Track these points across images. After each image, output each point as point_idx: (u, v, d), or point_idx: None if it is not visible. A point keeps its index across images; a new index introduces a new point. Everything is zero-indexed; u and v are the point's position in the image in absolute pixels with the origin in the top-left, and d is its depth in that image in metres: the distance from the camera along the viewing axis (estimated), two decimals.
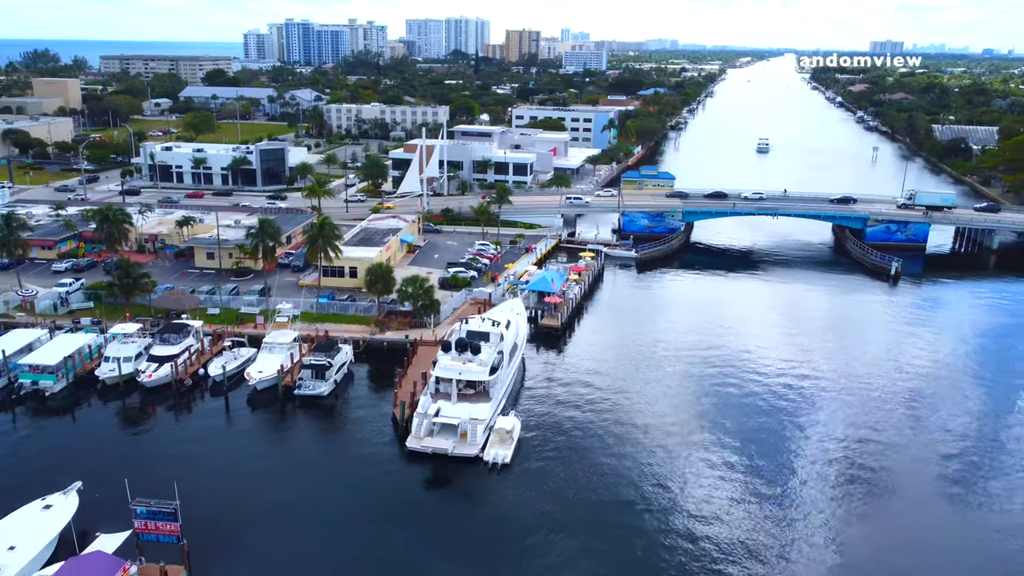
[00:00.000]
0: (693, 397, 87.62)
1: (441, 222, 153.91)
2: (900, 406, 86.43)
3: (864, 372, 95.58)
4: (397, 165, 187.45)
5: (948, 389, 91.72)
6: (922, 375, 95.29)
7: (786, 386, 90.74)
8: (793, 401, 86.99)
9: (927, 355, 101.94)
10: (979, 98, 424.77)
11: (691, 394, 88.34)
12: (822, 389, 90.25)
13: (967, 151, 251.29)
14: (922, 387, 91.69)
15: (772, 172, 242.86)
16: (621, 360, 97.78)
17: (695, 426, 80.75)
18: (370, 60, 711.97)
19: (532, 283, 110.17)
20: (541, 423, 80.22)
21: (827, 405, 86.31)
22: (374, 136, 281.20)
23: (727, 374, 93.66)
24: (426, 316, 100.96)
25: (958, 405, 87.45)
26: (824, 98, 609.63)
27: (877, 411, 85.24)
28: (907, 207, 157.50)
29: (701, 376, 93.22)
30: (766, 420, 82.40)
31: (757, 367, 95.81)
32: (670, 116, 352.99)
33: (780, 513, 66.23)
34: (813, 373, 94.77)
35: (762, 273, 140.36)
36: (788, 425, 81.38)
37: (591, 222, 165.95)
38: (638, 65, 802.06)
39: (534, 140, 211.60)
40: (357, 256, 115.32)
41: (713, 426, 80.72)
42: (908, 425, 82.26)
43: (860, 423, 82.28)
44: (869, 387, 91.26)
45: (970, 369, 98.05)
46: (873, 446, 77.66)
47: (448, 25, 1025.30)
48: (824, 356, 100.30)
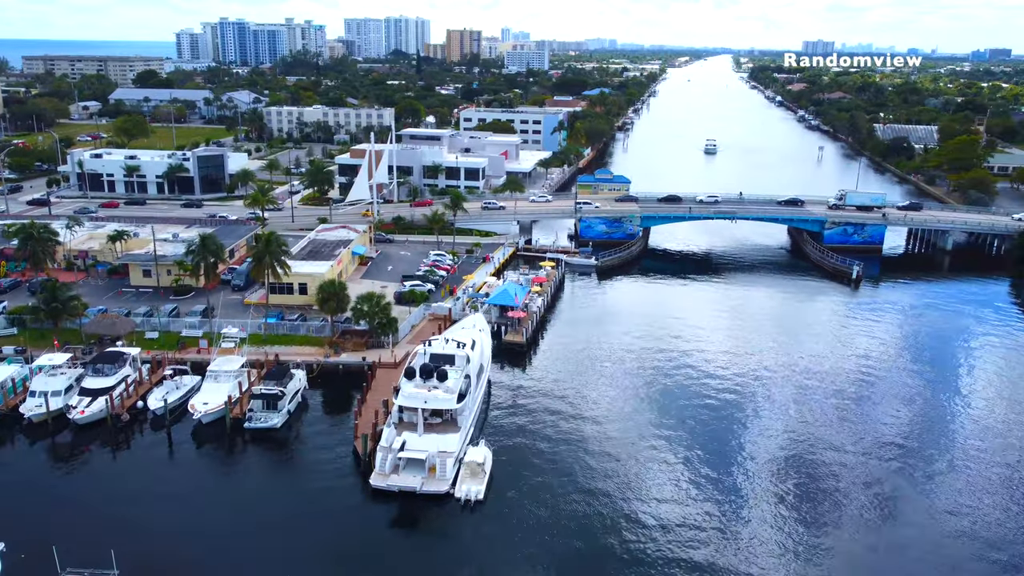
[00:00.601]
0: (665, 417, 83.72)
1: (393, 231, 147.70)
2: (871, 413, 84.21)
3: (837, 381, 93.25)
4: (344, 171, 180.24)
5: (915, 394, 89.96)
6: (889, 379, 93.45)
7: (761, 398, 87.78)
8: (772, 414, 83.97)
9: (894, 359, 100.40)
10: (913, 97, 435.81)
11: (663, 414, 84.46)
12: (799, 399, 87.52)
13: (909, 150, 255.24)
14: (891, 391, 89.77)
15: (721, 173, 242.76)
16: (589, 377, 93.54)
17: (670, 450, 76.85)
18: (309, 60, 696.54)
19: (494, 296, 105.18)
20: (513, 452, 75.28)
21: (810, 415, 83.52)
22: (317, 140, 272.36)
23: (698, 391, 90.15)
24: (383, 335, 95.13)
25: (924, 412, 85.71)
26: (764, 97, 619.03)
27: (852, 421, 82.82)
28: (838, 208, 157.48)
29: (671, 393, 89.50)
30: (740, 437, 79.11)
31: (728, 381, 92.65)
32: (616, 116, 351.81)
33: (774, 537, 62.78)
34: (787, 384, 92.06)
35: (722, 278, 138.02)
36: (766, 441, 78.23)
37: (546, 228, 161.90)
38: (580, 65, 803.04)
39: (484, 143, 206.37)
40: (307, 271, 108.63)
41: (688, 448, 76.97)
42: (875, 433, 79.98)
43: (840, 440, 79.60)
44: (842, 395, 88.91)
45: (935, 373, 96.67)
46: (854, 460, 75.03)
47: (388, 24, 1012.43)
48: (796, 365, 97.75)
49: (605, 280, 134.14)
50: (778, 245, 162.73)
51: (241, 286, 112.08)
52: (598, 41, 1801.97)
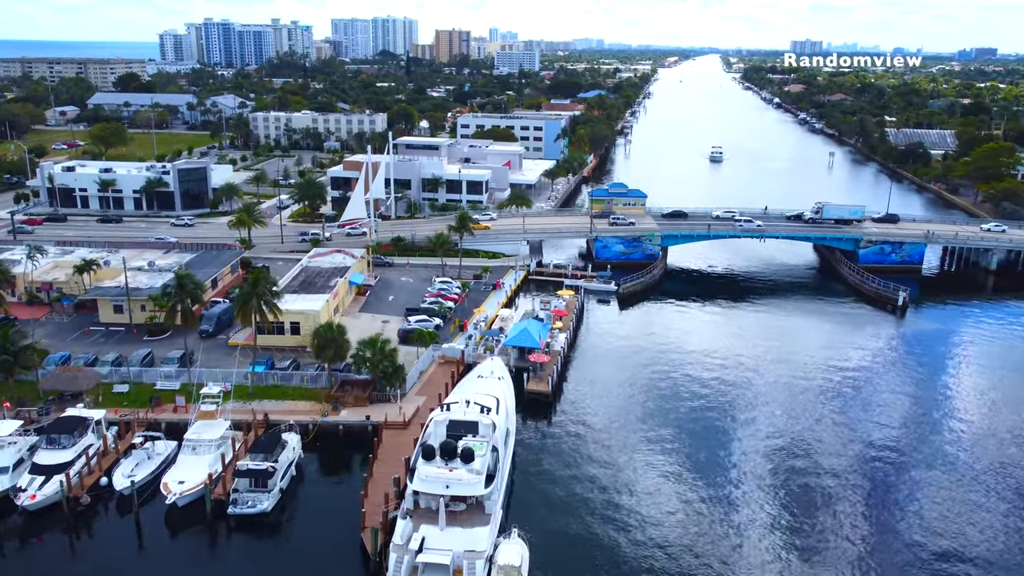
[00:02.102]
0: (713, 480, 71.83)
1: (392, 252, 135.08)
2: (953, 481, 72.58)
3: (902, 432, 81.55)
4: (336, 184, 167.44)
5: (997, 453, 78.41)
6: (959, 430, 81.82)
7: (825, 455, 75.96)
8: (851, 481, 72.16)
9: (959, 404, 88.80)
10: (916, 99, 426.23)
11: (711, 476, 72.53)
12: (873, 462, 75.75)
13: (925, 156, 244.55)
14: (966, 449, 78.17)
15: (729, 183, 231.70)
16: (625, 433, 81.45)
17: (726, 523, 64.87)
18: (296, 61, 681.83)
19: (512, 337, 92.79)
20: (548, 540, 62.93)
21: (893, 485, 71.78)
22: (306, 147, 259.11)
23: (749, 446, 78.35)
24: (389, 386, 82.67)
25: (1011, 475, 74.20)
26: (760, 99, 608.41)
27: (933, 488, 71.15)
28: (814, 222, 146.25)
29: (717, 449, 77.61)
30: (815, 512, 67.21)
31: (778, 437, 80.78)
32: (616, 120, 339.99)
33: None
34: (852, 440, 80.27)
35: (751, 304, 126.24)
36: (854, 517, 66.39)
37: (554, 246, 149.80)
38: (571, 66, 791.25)
39: (485, 153, 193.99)
40: (299, 309, 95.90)
41: (746, 521, 65.01)
42: (969, 509, 68.33)
43: (916, 503, 67.90)
44: (911, 452, 77.21)
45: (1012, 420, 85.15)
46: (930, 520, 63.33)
47: (375, 25, 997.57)
48: (855, 414, 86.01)
49: (626, 308, 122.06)
50: (805, 264, 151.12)
51: (210, 331, 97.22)
52: (585, 41, 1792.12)
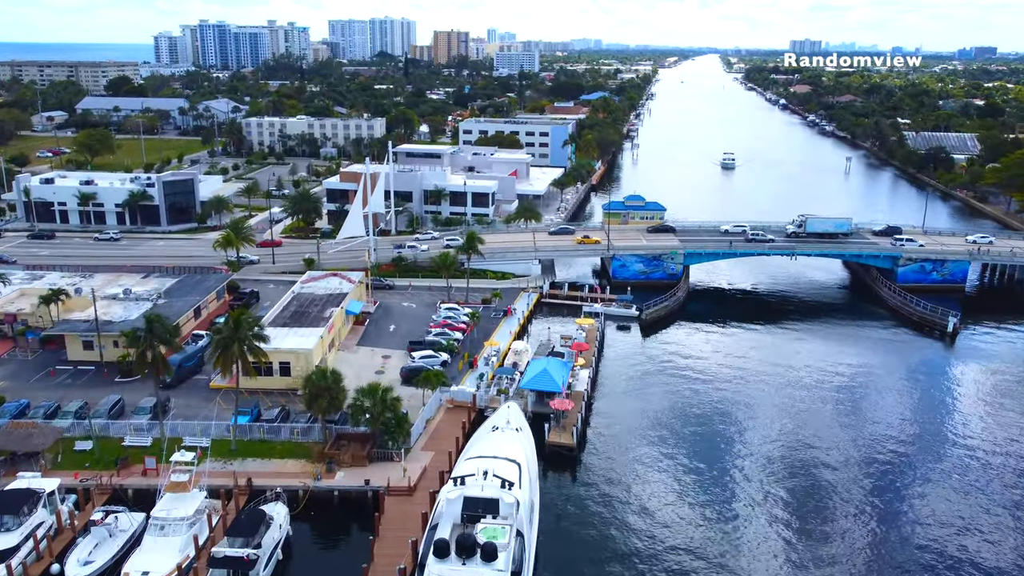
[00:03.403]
0: (761, 548, 61.38)
1: (392, 273, 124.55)
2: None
3: (974, 496, 71.13)
4: (332, 196, 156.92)
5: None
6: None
7: (885, 516, 65.52)
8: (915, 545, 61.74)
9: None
10: (927, 100, 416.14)
11: (773, 564, 62.05)
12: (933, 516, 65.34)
13: (948, 161, 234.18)
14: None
15: (743, 192, 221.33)
16: (665, 495, 70.92)
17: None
18: (292, 63, 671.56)
19: (530, 379, 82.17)
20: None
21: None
22: (302, 154, 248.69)
23: (799, 501, 67.84)
24: (392, 441, 72.11)
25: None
26: (764, 100, 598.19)
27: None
28: (796, 236, 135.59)
29: (776, 521, 67.07)
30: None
31: (844, 497, 70.33)
32: (621, 123, 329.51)
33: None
34: (918, 496, 69.87)
35: (785, 330, 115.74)
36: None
37: (567, 264, 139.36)
38: (571, 67, 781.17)
39: (490, 161, 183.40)
40: (290, 347, 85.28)
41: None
42: None
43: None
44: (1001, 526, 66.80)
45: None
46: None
47: (373, 26, 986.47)
48: (916, 469, 75.61)
49: (649, 335, 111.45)
50: (836, 283, 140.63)
51: (168, 383, 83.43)
52: (584, 41, 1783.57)
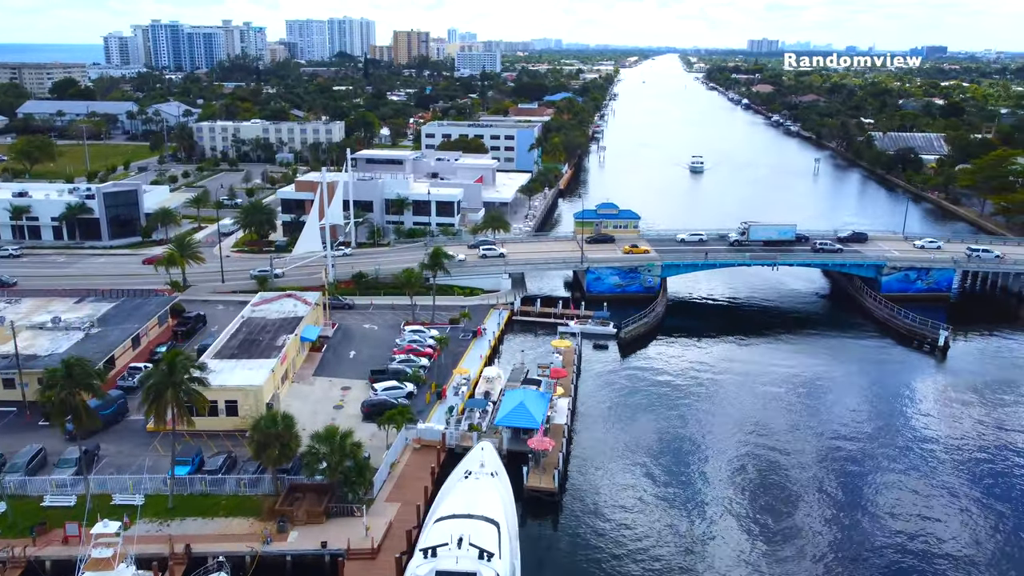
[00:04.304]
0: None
1: (352, 291, 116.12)
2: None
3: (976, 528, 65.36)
4: (288, 207, 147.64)
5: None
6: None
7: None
8: None
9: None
10: (890, 99, 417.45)
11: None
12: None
13: (917, 162, 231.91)
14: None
15: (713, 196, 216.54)
16: (655, 542, 63.93)
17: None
18: (248, 64, 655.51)
19: (505, 415, 74.60)
20: None
21: None
22: (256, 159, 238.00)
23: (810, 548, 61.39)
24: (352, 494, 64.05)
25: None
26: (727, 99, 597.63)
27: None
28: (739, 244, 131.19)
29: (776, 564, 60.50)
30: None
31: (842, 533, 64.00)
32: (586, 125, 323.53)
33: None
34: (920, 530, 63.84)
35: (770, 345, 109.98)
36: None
37: (538, 277, 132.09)
38: (532, 66, 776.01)
39: (455, 167, 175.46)
40: (237, 384, 76.61)
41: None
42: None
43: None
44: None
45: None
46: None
47: (331, 26, 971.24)
48: (912, 496, 69.72)
49: (629, 354, 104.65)
50: (817, 291, 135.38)
51: (71, 433, 71.14)
52: (544, 41, 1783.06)
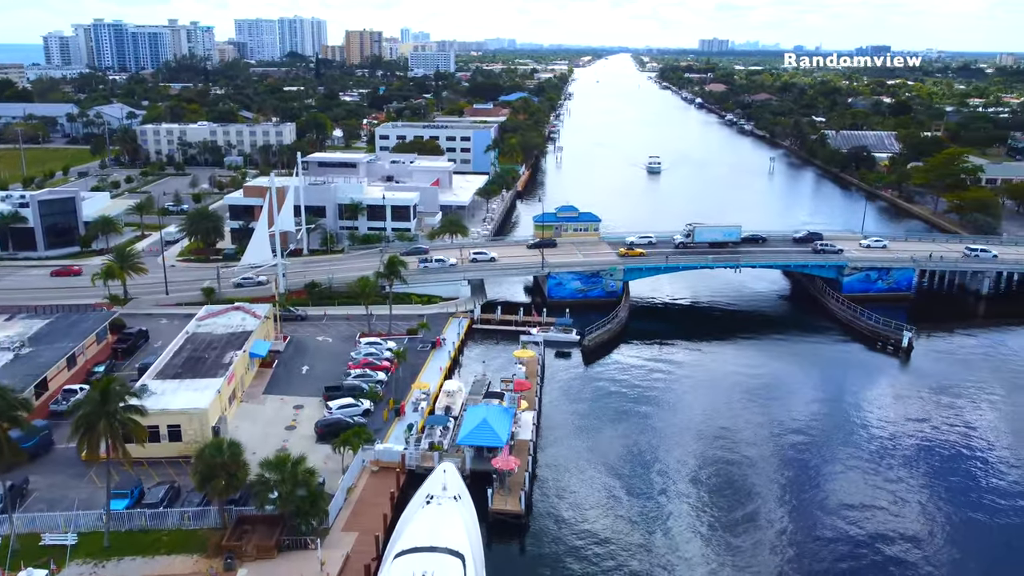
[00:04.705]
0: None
1: (304, 301, 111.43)
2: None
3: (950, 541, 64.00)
4: (236, 213, 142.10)
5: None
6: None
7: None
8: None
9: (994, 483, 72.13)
10: (839, 98, 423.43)
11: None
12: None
13: (870, 160, 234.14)
14: None
15: (671, 196, 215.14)
16: (635, 567, 61.10)
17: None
18: (196, 64, 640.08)
19: (468, 433, 71.05)
20: None
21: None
22: (204, 163, 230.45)
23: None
24: (305, 525, 59.94)
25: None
26: (680, 99, 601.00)
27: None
28: (685, 246, 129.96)
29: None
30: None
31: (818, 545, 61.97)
32: (543, 125, 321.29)
33: None
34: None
35: (735, 350, 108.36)
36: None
37: (496, 282, 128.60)
38: (487, 66, 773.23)
39: (410, 170, 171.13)
40: (181, 407, 71.76)
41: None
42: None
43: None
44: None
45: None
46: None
47: (282, 25, 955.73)
48: (886, 507, 68.11)
49: (593, 361, 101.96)
50: (779, 293, 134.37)
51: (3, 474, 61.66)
52: (498, 41, 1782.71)
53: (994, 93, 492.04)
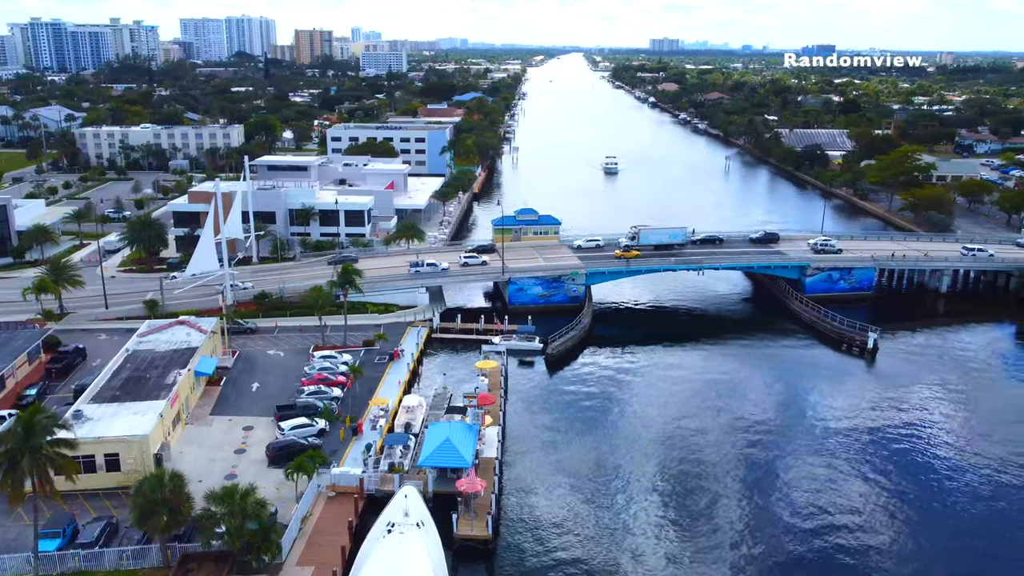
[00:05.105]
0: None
1: (255, 313, 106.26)
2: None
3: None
4: (181, 220, 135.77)
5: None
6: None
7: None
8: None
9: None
10: (790, 96, 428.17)
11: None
12: None
13: (824, 158, 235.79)
14: None
15: (629, 197, 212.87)
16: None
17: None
18: (139, 65, 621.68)
19: (429, 454, 67.11)
20: None
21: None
22: (148, 167, 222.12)
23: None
24: (256, 562, 55.58)
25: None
26: (634, 98, 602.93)
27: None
28: (629, 249, 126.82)
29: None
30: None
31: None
32: (498, 125, 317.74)
33: None
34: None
35: (700, 354, 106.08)
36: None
37: (456, 289, 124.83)
38: (439, 66, 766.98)
39: (364, 172, 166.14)
40: (118, 434, 66.57)
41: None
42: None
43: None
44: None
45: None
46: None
47: (229, 25, 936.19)
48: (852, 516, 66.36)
49: (557, 370, 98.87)
50: (741, 294, 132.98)
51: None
52: (450, 40, 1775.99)
53: (937, 91, 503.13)
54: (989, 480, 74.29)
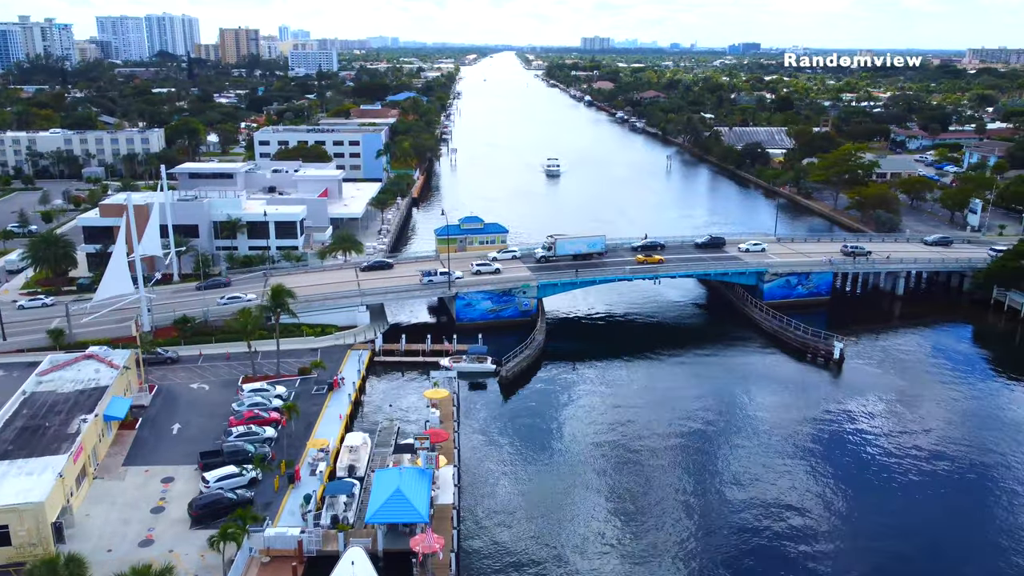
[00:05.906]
0: None
1: (175, 340, 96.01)
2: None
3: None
4: (92, 236, 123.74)
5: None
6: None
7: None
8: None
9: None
10: (723, 94, 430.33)
11: None
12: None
13: (764, 156, 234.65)
14: None
15: (572, 200, 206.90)
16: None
17: None
18: (52, 65, 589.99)
19: (378, 507, 58.83)
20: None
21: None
22: (59, 175, 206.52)
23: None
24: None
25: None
26: (569, 96, 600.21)
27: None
28: (546, 260, 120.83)
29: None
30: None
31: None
32: (434, 126, 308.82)
33: None
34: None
35: (659, 367, 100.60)
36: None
37: (398, 306, 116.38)
38: (371, 65, 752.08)
39: (295, 179, 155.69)
40: (7, 502, 56.38)
41: None
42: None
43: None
44: None
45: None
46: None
47: (149, 23, 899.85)
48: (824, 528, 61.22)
49: (511, 393, 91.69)
50: (694, 300, 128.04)
51: None
52: (381, 39, 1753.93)
53: (864, 88, 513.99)
54: (969, 485, 70.10)
